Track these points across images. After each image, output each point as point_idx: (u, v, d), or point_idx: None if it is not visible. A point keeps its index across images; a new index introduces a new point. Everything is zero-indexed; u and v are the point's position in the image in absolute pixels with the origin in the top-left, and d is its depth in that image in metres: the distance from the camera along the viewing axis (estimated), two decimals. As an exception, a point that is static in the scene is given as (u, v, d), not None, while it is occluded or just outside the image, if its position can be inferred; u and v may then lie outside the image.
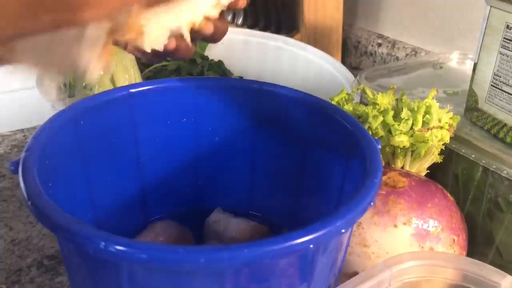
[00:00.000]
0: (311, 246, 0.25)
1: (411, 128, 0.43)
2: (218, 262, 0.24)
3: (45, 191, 0.28)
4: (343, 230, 0.26)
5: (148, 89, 0.41)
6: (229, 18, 0.89)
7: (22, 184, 0.28)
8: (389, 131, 0.43)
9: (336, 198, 0.38)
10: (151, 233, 0.42)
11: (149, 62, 0.58)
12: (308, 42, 0.76)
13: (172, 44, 0.32)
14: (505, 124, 0.45)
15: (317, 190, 0.41)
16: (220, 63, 0.68)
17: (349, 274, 0.40)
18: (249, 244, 0.24)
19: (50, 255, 0.51)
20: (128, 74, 0.59)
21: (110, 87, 0.58)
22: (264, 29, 0.84)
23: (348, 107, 0.45)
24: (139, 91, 0.41)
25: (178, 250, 0.24)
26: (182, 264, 0.24)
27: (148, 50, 0.31)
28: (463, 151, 0.45)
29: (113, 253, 0.24)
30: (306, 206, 0.42)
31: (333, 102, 0.46)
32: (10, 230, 0.54)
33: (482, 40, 0.45)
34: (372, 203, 0.29)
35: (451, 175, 0.48)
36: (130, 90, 0.40)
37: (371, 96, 0.46)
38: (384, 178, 0.42)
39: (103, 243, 0.24)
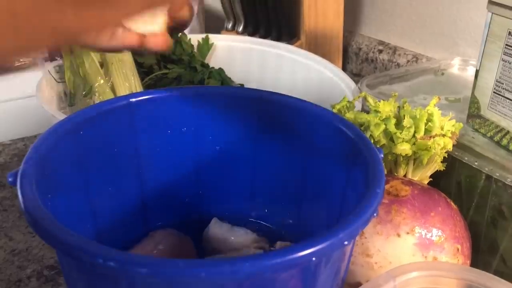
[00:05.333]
0: (314, 259, 0.25)
1: (413, 136, 0.43)
2: (219, 276, 0.24)
3: (45, 203, 0.28)
4: (346, 242, 0.26)
5: (148, 98, 0.41)
6: (230, 26, 0.89)
7: (20, 197, 0.28)
8: (391, 139, 0.43)
9: (338, 206, 0.37)
10: (151, 242, 0.42)
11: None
12: (309, 49, 0.76)
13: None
14: (508, 131, 0.45)
15: (318, 198, 0.40)
16: (220, 71, 0.68)
17: (352, 284, 0.40)
18: (251, 257, 0.24)
19: (50, 266, 0.50)
20: (128, 82, 0.59)
21: (111, 95, 0.58)
22: (265, 36, 0.84)
23: (349, 115, 0.44)
24: (139, 100, 0.40)
25: (178, 263, 0.24)
26: (183, 278, 0.24)
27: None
28: (466, 158, 0.45)
29: (112, 268, 0.24)
30: (308, 214, 0.42)
31: (335, 110, 0.46)
32: (9, 241, 0.54)
33: (484, 47, 0.45)
34: (375, 214, 0.28)
35: (454, 183, 0.47)
36: (130, 100, 0.40)
37: (372, 103, 0.45)
38: (386, 186, 0.41)
39: (102, 258, 0.24)
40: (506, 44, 0.43)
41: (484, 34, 0.45)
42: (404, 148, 0.42)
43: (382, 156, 0.34)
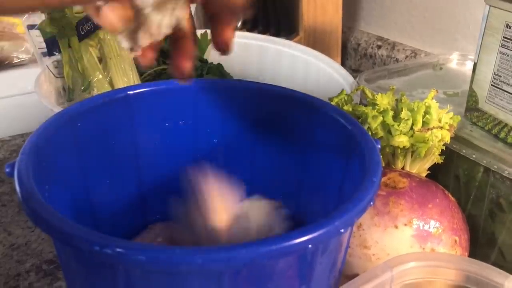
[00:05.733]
0: (310, 246, 0.25)
1: (411, 128, 0.43)
2: (216, 263, 0.24)
3: (42, 194, 0.28)
4: (342, 230, 0.26)
5: (146, 91, 0.41)
6: (229, 21, 0.89)
7: (17, 186, 0.28)
8: (389, 132, 0.43)
9: (336, 198, 0.37)
10: (150, 234, 0.42)
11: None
12: (308, 45, 0.76)
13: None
14: (506, 124, 0.45)
15: (317, 190, 0.40)
16: (219, 66, 0.68)
17: (349, 276, 0.40)
18: (247, 244, 0.24)
19: (48, 260, 0.50)
20: (127, 77, 0.59)
21: (109, 90, 0.58)
22: (264, 32, 0.84)
23: (347, 108, 0.44)
24: (137, 93, 0.40)
25: (175, 250, 0.24)
26: (179, 265, 0.24)
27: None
28: (464, 151, 0.45)
29: (109, 255, 0.24)
30: (306, 206, 0.42)
31: (333, 103, 0.46)
32: (9, 235, 0.54)
33: (482, 40, 0.45)
34: (371, 203, 0.28)
35: (452, 175, 0.47)
36: (128, 92, 0.40)
37: (370, 96, 0.45)
38: (384, 178, 0.41)
39: (99, 245, 0.24)
40: (504, 37, 0.43)
41: (482, 27, 0.45)
42: (401, 140, 0.42)
43: (379, 146, 0.34)
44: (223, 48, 0.32)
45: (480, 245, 0.46)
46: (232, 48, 0.33)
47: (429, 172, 0.46)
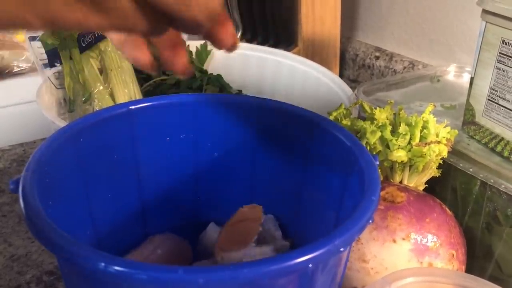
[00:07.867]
0: (311, 265, 0.25)
1: (409, 143, 0.43)
2: (217, 283, 0.24)
3: (45, 210, 0.28)
4: (342, 249, 0.26)
5: (147, 105, 0.41)
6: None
7: (22, 204, 0.28)
8: (387, 146, 0.44)
9: (335, 214, 0.38)
10: (150, 246, 0.43)
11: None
12: (306, 56, 0.77)
13: None
14: (503, 138, 0.45)
15: (316, 206, 0.41)
16: (219, 77, 0.69)
17: (348, 289, 0.40)
18: (249, 263, 0.24)
19: (49, 271, 0.51)
20: (127, 88, 0.59)
21: (110, 101, 0.58)
22: (263, 43, 0.85)
23: (346, 122, 0.45)
24: (139, 107, 0.41)
25: (177, 270, 0.24)
26: (182, 284, 0.24)
27: None
28: (461, 165, 0.45)
29: (112, 274, 0.24)
30: (305, 221, 0.42)
31: (331, 117, 0.47)
32: (9, 246, 0.54)
33: (479, 55, 0.46)
34: (370, 221, 0.29)
35: (449, 189, 0.48)
36: (130, 107, 0.40)
37: (369, 111, 0.46)
38: (382, 193, 0.42)
39: (102, 264, 0.24)
40: (500, 53, 0.44)
41: (478, 43, 0.46)
42: (399, 155, 0.42)
43: (378, 163, 0.34)
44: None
45: (477, 257, 0.46)
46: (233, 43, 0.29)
47: (426, 185, 0.46)
